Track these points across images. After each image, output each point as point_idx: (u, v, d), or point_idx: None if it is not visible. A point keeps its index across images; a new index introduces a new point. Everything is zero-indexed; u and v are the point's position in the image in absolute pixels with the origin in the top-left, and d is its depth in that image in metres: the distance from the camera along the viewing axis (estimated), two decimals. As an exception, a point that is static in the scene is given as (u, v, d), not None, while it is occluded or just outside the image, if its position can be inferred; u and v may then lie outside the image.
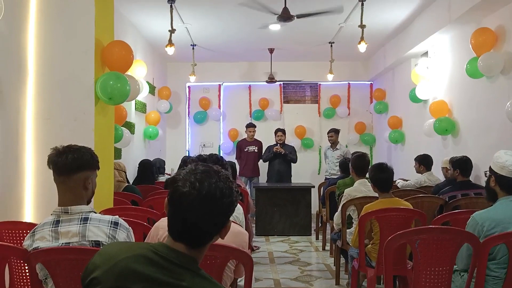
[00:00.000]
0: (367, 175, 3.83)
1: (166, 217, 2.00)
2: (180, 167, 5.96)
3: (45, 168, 2.01)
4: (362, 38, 5.32)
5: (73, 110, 3.31)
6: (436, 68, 5.90)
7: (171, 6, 5.22)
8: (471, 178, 4.26)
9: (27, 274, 2.03)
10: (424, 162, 5.14)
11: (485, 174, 2.64)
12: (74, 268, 1.86)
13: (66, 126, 3.29)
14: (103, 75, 3.44)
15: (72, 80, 3.32)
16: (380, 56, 7.83)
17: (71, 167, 1.93)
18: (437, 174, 5.13)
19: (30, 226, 2.31)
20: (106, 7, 3.62)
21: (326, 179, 7.04)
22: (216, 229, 1.23)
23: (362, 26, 5.22)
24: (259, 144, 7.83)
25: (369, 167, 3.60)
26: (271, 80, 7.83)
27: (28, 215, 3.27)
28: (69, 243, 1.90)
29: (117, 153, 5.34)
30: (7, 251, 2.04)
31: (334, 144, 7.40)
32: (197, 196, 1.17)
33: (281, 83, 8.68)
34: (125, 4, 5.34)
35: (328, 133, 7.48)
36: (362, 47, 5.40)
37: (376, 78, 8.59)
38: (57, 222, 1.94)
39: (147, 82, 6.48)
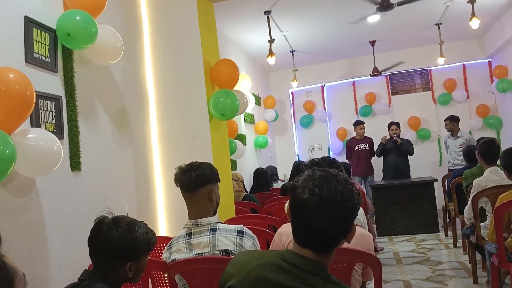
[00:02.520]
0: (498, 162, 3.48)
1: (288, 223, 2.04)
2: (292, 172, 6.04)
3: (173, 185, 2.19)
4: (473, 14, 4.89)
5: (191, 130, 3.57)
6: None
7: (267, 17, 5.36)
8: None
9: (167, 284, 2.21)
10: None
11: None
12: (208, 276, 1.99)
13: (186, 145, 3.56)
14: (214, 93, 3.66)
15: (188, 102, 3.60)
16: (496, 30, 7.07)
17: (196, 184, 2.08)
18: None
19: (166, 240, 2.52)
20: (209, 30, 3.86)
21: (449, 170, 6.55)
22: (342, 234, 1.21)
23: (471, 1, 4.80)
24: (369, 141, 7.57)
25: (500, 153, 3.27)
26: (375, 73, 7.54)
27: (163, 229, 3.59)
28: (202, 253, 2.04)
29: (233, 165, 5.61)
30: (150, 264, 2.24)
31: (454, 132, 6.84)
32: (318, 202, 1.17)
33: (388, 74, 8.31)
34: (225, 23, 5.61)
35: (444, 121, 6.98)
36: (475, 24, 4.96)
37: (495, 55, 7.76)
38: (189, 235, 2.09)
39: (253, 94, 6.70)
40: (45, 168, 2.15)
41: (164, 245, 2.41)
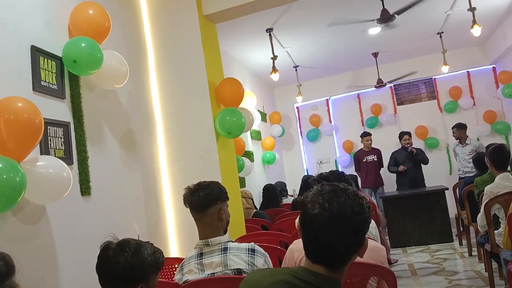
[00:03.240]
0: (509, 168, 3.44)
1: (299, 239, 2.02)
2: (302, 187, 6.02)
3: (183, 205, 2.19)
4: (474, 22, 4.90)
5: (199, 149, 3.59)
6: None
7: (270, 35, 5.42)
8: None
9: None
10: None
11: None
12: (222, 296, 1.97)
13: (194, 164, 3.58)
14: (219, 112, 3.68)
15: (194, 122, 3.62)
16: (498, 37, 7.07)
17: (204, 204, 2.07)
18: None
19: (177, 260, 2.51)
20: (213, 50, 3.91)
21: (460, 178, 6.47)
22: (353, 248, 1.20)
23: (472, 9, 4.82)
24: (377, 152, 7.54)
25: (511, 159, 3.24)
26: (380, 84, 7.56)
27: (174, 250, 3.58)
28: (214, 273, 2.02)
29: (242, 182, 5.60)
30: (162, 286, 2.22)
31: (462, 139, 6.79)
32: (328, 217, 1.16)
33: (392, 85, 8.32)
34: (228, 42, 5.68)
35: (452, 129, 6.94)
36: (476, 31, 4.96)
37: (499, 61, 7.75)
38: (200, 255, 2.08)
39: (258, 111, 6.73)
40: (55, 195, 2.16)
41: (176, 266, 2.40)
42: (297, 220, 1.30)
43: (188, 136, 3.63)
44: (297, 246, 2.05)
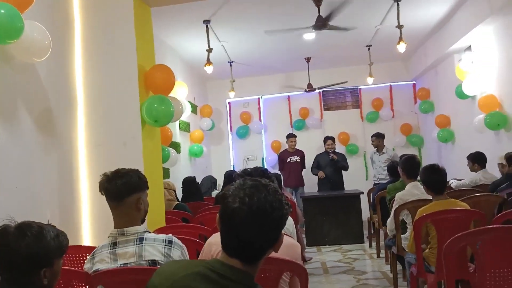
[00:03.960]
0: (419, 178, 3.71)
1: (218, 233, 2.02)
2: (225, 182, 6.03)
3: (99, 192, 2.09)
4: (400, 38, 5.22)
5: (122, 135, 3.45)
6: (482, 62, 5.66)
7: (206, 27, 5.36)
8: (531, 173, 4.02)
9: (90, 296, 2.11)
10: (477, 160, 4.91)
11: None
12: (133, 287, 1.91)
13: (116, 151, 3.43)
14: (148, 99, 3.57)
15: (119, 107, 3.47)
16: (420, 55, 7.62)
17: (122, 192, 1.99)
18: (492, 171, 4.89)
19: (89, 249, 2.39)
20: (146, 34, 3.78)
21: (375, 184, 6.88)
22: (269, 243, 1.22)
23: (399, 26, 5.12)
24: (301, 153, 7.81)
25: (421, 169, 3.49)
26: (309, 89, 7.80)
27: (87, 239, 3.41)
28: (127, 263, 1.96)
29: (166, 173, 5.48)
30: (70, 275, 2.12)
31: (379, 148, 7.23)
32: (248, 212, 1.17)
33: (320, 90, 8.62)
34: (163, 29, 5.52)
35: (371, 137, 7.37)
36: (402, 47, 5.28)
37: (419, 77, 8.36)
38: (114, 244, 2.00)
39: (189, 102, 6.64)
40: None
41: (87, 254, 2.29)
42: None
43: (112, 120, 3.47)
44: (215, 239, 2.05)
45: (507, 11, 4.55)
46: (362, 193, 6.49)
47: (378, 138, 7.20)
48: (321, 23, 4.92)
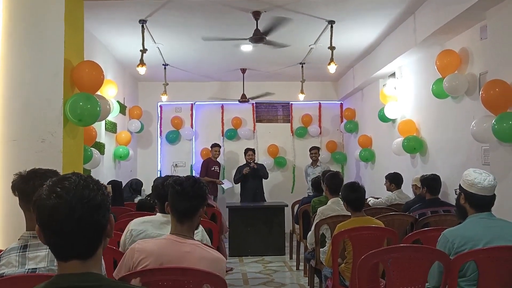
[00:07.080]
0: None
1: (144, 240, 1.95)
2: (153, 190, 5.85)
3: (11, 192, 1.94)
4: (332, 60, 5.44)
5: (41, 132, 3.23)
6: (404, 89, 6.08)
7: (142, 27, 5.21)
8: (440, 195, 4.36)
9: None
10: (394, 180, 5.24)
11: (455, 192, 2.71)
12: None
13: (33, 148, 3.20)
14: (72, 96, 3.38)
15: (41, 102, 3.26)
16: (349, 77, 8.01)
17: None
18: (406, 192, 5.23)
19: (-5, 253, 2.20)
20: (76, 28, 3.59)
21: (308, 197, 7.09)
22: (101, 228, 1.18)
23: (331, 48, 5.34)
24: (219, 165, 8.11)
25: (342, 187, 3.64)
26: (243, 100, 7.87)
27: (-8, 241, 3.14)
28: (36, 269, 1.83)
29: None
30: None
31: (315, 161, 7.49)
32: (67, 203, 1.13)
33: (254, 102, 8.74)
34: (95, 25, 5.29)
35: (310, 150, 7.62)
36: (332, 68, 5.51)
37: (346, 98, 8.78)
38: (24, 247, 1.87)
39: (118, 102, 6.39)
40: None
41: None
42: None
43: (30, 115, 3.23)
44: (140, 246, 1.98)
45: (429, 44, 4.93)
46: (287, 205, 6.63)
47: (318, 151, 7.52)
48: (258, 37, 4.99)
